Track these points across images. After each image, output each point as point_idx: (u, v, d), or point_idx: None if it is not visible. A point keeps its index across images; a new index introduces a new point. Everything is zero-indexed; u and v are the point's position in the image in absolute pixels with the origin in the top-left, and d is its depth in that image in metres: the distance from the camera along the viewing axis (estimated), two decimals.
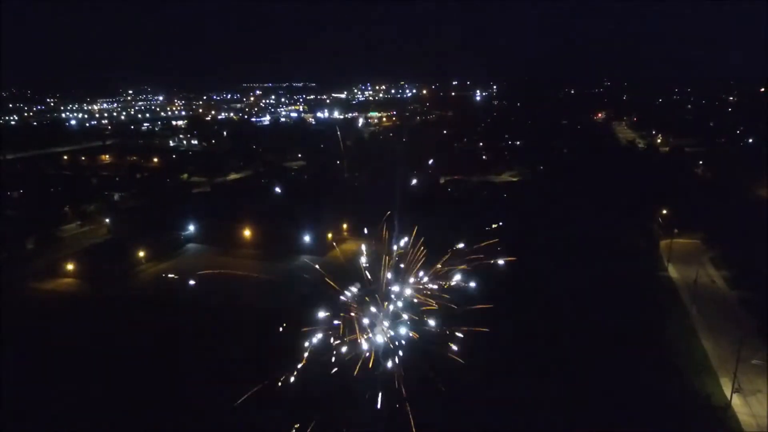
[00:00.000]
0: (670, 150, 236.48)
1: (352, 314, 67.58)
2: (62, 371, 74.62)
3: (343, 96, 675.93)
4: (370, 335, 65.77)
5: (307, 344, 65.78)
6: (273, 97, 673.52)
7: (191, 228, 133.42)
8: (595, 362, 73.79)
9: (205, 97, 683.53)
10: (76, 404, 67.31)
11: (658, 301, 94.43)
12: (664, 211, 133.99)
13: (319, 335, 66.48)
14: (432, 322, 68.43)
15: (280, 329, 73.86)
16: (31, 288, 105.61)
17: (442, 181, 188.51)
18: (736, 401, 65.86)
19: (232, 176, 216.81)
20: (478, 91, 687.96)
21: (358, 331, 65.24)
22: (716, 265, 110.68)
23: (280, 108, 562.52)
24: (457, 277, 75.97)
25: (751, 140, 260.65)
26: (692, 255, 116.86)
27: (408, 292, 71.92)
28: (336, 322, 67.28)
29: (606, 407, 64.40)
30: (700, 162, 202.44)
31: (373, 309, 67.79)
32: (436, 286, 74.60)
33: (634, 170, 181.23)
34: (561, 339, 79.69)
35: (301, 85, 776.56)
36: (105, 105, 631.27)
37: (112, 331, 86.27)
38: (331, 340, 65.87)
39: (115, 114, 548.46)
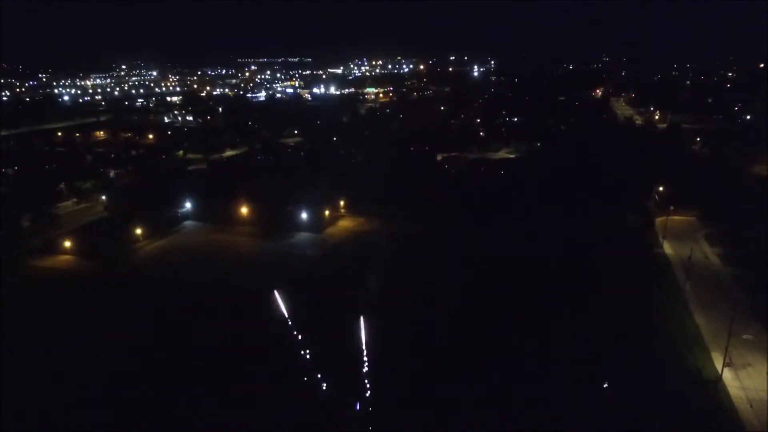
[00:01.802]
0: (667, 127, 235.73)
1: None
2: (61, 349, 75.33)
3: (339, 71, 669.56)
4: None
5: None
6: (268, 72, 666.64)
7: (188, 205, 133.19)
8: (589, 337, 74.87)
9: (199, 73, 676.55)
10: (74, 383, 68.10)
11: (652, 278, 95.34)
12: (660, 188, 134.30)
13: None
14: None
15: None
16: (28, 266, 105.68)
17: (439, 157, 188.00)
18: (727, 375, 67.05)
19: (228, 153, 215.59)
20: (475, 67, 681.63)
21: None
22: (711, 242, 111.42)
23: (275, 83, 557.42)
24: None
25: (749, 117, 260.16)
26: (687, 232, 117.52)
27: None
28: None
29: (598, 380, 65.61)
30: (698, 139, 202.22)
31: None
32: None
33: (631, 147, 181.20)
34: (554, 315, 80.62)
35: (296, 60, 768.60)
36: (98, 80, 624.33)
37: (111, 309, 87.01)
38: None
39: (108, 90, 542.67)
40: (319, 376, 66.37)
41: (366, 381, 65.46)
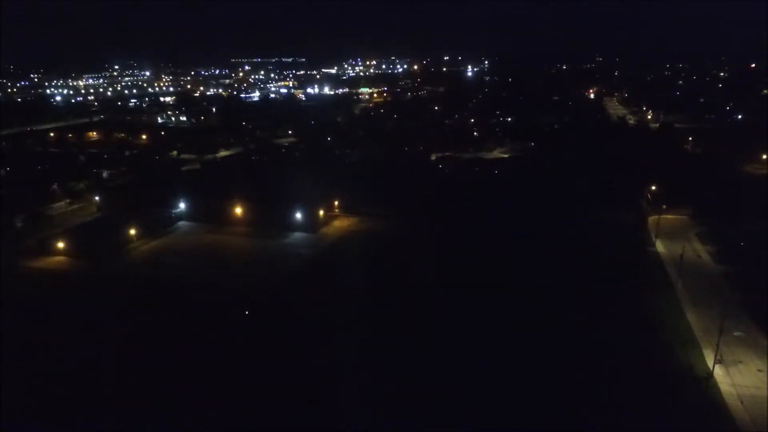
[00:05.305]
0: (660, 126, 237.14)
1: None
2: (55, 349, 75.15)
3: (333, 71, 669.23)
4: None
5: None
6: (262, 72, 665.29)
7: (182, 205, 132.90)
8: (582, 333, 75.47)
9: (192, 73, 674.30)
10: (69, 381, 68.00)
11: (645, 275, 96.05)
12: (653, 187, 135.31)
13: None
14: None
15: None
16: (21, 266, 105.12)
17: (433, 157, 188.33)
18: (718, 372, 67.78)
19: (222, 153, 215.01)
20: (469, 67, 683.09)
21: None
22: (703, 241, 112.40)
23: (269, 83, 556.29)
24: None
25: (740, 116, 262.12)
26: (680, 230, 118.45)
27: None
28: None
29: (591, 377, 66.17)
30: (690, 138, 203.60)
31: None
32: None
33: (624, 147, 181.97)
34: (549, 312, 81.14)
35: (290, 60, 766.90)
36: (91, 81, 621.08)
37: (106, 309, 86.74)
38: None
39: (101, 90, 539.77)
40: None
41: None
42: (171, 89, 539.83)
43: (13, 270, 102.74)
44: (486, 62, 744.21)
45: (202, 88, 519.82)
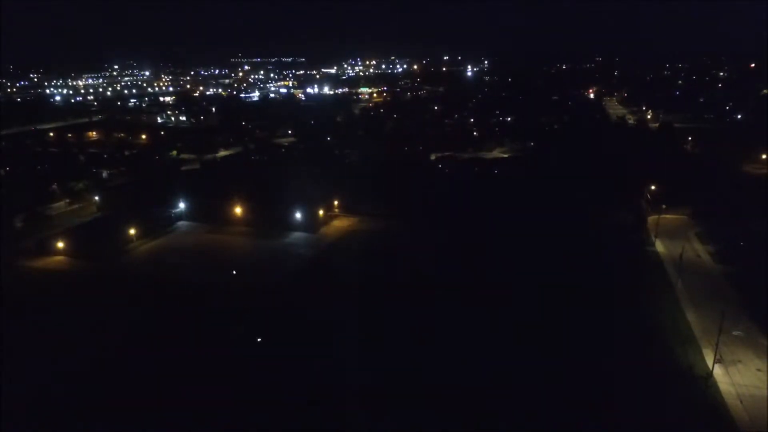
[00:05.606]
0: (659, 126, 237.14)
1: None
2: (55, 349, 75.14)
3: (332, 71, 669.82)
4: None
5: None
6: (262, 72, 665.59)
7: (181, 205, 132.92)
8: (582, 332, 75.51)
9: (192, 73, 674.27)
10: (69, 381, 68.01)
11: (645, 275, 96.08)
12: (653, 187, 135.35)
13: None
14: None
15: None
16: (21, 266, 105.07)
17: (433, 157, 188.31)
18: (718, 371, 67.83)
19: (222, 153, 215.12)
20: (469, 67, 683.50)
21: None
22: (702, 240, 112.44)
23: (269, 83, 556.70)
24: None
25: (740, 116, 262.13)
26: (679, 230, 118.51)
27: None
28: None
29: (591, 376, 66.23)
30: (689, 138, 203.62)
31: None
32: None
33: (624, 146, 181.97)
34: (548, 312, 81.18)
35: (290, 60, 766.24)
36: (90, 80, 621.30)
37: (106, 309, 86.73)
38: None
39: (101, 90, 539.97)
40: None
41: None
42: (171, 89, 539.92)
43: (13, 270, 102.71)
44: (486, 62, 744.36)
45: (201, 88, 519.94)
